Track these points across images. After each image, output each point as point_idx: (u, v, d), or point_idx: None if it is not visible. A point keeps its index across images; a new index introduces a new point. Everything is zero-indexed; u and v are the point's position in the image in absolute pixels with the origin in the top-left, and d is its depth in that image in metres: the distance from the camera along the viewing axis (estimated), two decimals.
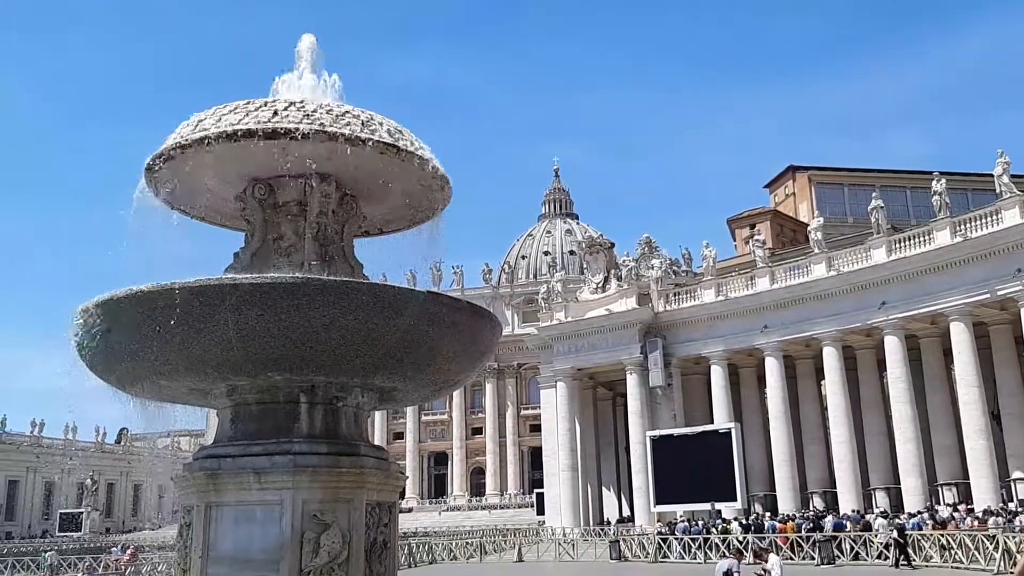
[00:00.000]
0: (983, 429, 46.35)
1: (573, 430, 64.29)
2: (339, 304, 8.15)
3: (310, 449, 8.91)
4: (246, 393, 9.17)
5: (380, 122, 9.50)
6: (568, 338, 65.12)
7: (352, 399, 9.43)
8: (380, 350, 8.56)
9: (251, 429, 9.18)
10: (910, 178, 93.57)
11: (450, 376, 10.10)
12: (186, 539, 9.00)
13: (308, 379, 8.99)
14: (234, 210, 10.23)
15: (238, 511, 8.75)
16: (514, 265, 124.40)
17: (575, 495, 63.30)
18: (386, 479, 9.55)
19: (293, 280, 8.29)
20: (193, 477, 9.04)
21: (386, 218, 11.10)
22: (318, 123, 8.96)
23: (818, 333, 53.74)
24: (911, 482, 48.88)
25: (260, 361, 8.44)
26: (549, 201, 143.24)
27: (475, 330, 9.58)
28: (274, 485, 8.64)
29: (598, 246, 69.75)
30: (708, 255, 61.78)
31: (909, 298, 49.27)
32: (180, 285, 8.05)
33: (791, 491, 54.39)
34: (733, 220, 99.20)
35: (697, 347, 59.55)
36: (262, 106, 9.17)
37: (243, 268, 9.52)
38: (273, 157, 9.17)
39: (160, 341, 8.22)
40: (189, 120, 9.39)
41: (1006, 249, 44.76)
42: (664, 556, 43.59)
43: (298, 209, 9.74)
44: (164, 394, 9.64)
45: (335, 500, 8.79)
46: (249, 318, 8.02)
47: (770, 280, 56.52)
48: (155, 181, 9.56)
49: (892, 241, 50.94)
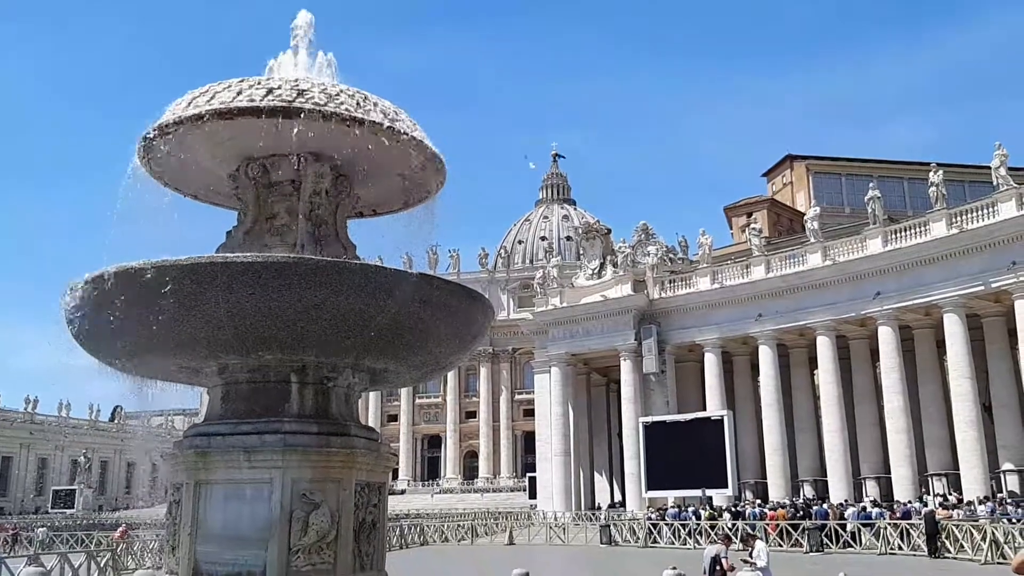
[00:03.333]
0: (974, 420, 46.55)
1: (566, 415, 64.47)
2: (331, 284, 8.15)
3: (300, 428, 8.93)
4: (237, 372, 9.18)
5: (375, 103, 9.46)
6: (563, 323, 65.18)
7: (343, 379, 9.45)
8: (371, 331, 8.56)
9: (241, 408, 9.19)
10: (908, 169, 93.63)
11: (442, 358, 10.12)
12: (175, 516, 9.02)
13: (299, 359, 8.99)
14: (227, 189, 10.20)
15: (227, 489, 8.78)
16: (511, 250, 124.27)
17: (567, 480, 63.54)
18: (376, 460, 9.58)
19: (285, 259, 8.29)
20: (183, 455, 9.06)
21: (380, 199, 11.08)
22: (312, 102, 8.92)
23: (812, 322, 53.84)
24: (902, 472, 49.14)
25: (251, 340, 8.44)
26: (547, 186, 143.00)
27: (467, 313, 9.58)
28: (264, 464, 8.66)
29: (595, 232, 69.67)
30: (704, 243, 61.77)
31: (904, 289, 49.36)
32: (171, 263, 8.04)
33: (782, 479, 54.63)
34: (730, 208, 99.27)
35: (691, 334, 59.65)
36: (256, 84, 9.12)
37: (235, 247, 9.50)
38: (267, 136, 9.14)
39: (151, 319, 8.20)
40: (183, 97, 9.35)
41: (1002, 242, 44.80)
42: (654, 541, 43.82)
43: (291, 188, 9.71)
44: (154, 372, 9.65)
45: (325, 480, 8.82)
46: (240, 297, 8.01)
47: (765, 269, 56.57)
48: (148, 158, 9.52)
49: (888, 232, 50.96)
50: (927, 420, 51.20)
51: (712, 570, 17.60)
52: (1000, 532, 30.71)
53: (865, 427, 54.46)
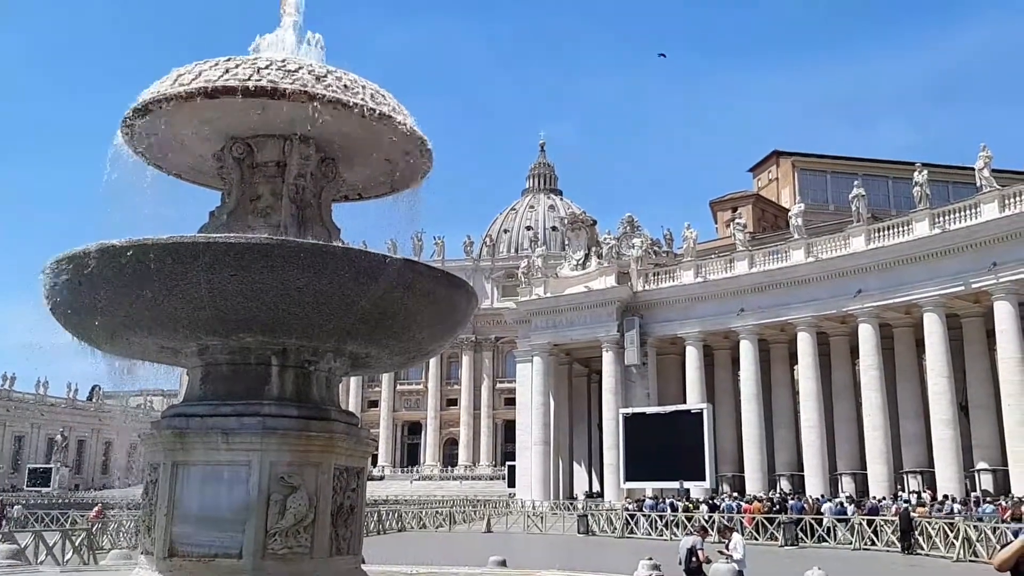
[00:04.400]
0: (951, 419, 47.02)
1: (547, 405, 64.65)
2: (313, 267, 8.10)
3: (280, 412, 8.90)
4: (217, 353, 9.13)
5: (363, 85, 9.39)
6: (546, 313, 65.29)
7: (324, 363, 9.41)
8: (353, 315, 8.53)
9: (221, 390, 9.14)
10: (893, 168, 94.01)
11: (424, 344, 10.10)
12: (152, 497, 8.97)
13: (280, 342, 8.95)
14: (211, 168, 10.12)
15: (205, 471, 8.73)
16: (496, 238, 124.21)
17: (546, 469, 63.77)
18: (355, 445, 9.56)
19: (268, 241, 8.23)
20: (161, 435, 9.00)
21: (366, 183, 11.03)
22: (299, 83, 8.84)
23: (793, 318, 54.17)
24: (877, 468, 49.60)
25: (232, 322, 8.39)
26: (534, 176, 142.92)
27: (451, 300, 9.56)
28: (242, 446, 8.63)
29: (580, 223, 69.77)
30: (689, 236, 61.96)
31: (885, 287, 49.71)
32: (153, 241, 7.97)
33: (759, 473, 55.04)
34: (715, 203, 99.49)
35: (674, 327, 59.89)
36: (243, 63, 9.03)
37: (218, 227, 9.43)
38: (252, 116, 9.07)
39: (131, 297, 8.15)
40: (168, 75, 9.25)
41: (983, 243, 45.17)
42: (631, 532, 44.04)
43: (276, 170, 9.64)
44: (134, 351, 9.57)
45: (303, 463, 8.79)
46: (222, 278, 7.96)
47: (749, 264, 56.82)
48: (132, 135, 9.43)
49: (871, 230, 51.28)
50: (904, 418, 51.68)
51: (688, 561, 17.69)
52: (972, 530, 31.04)
53: (843, 423, 54.92)
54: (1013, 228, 43.97)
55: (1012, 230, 44.02)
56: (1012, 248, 44.03)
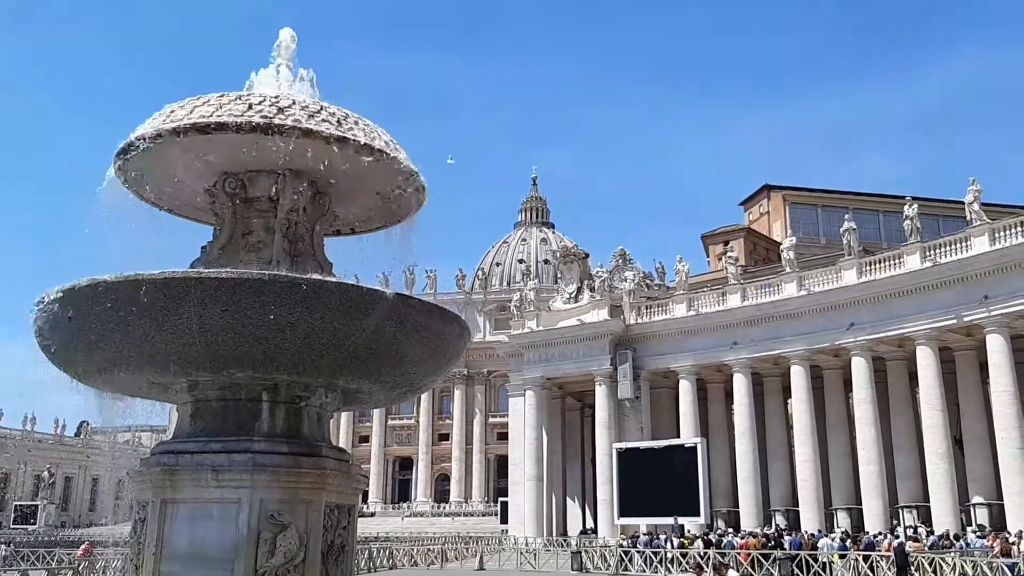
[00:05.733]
0: (945, 453, 46.89)
1: (540, 439, 64.28)
2: (305, 302, 8.06)
3: (270, 448, 8.81)
4: (207, 389, 9.05)
5: (356, 121, 9.43)
6: (539, 347, 65.16)
7: (315, 399, 9.34)
8: (345, 351, 8.48)
9: (211, 426, 9.06)
10: (883, 202, 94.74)
11: (416, 379, 10.03)
12: (140, 535, 8.84)
13: (271, 377, 8.88)
14: (203, 203, 10.11)
15: (194, 508, 8.62)
16: (488, 272, 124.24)
17: (539, 505, 63.24)
18: (347, 481, 9.45)
19: (259, 276, 8.19)
20: (150, 472, 8.89)
21: (359, 218, 11.02)
22: (292, 119, 8.87)
23: (786, 351, 54.15)
24: (873, 503, 49.33)
25: (223, 357, 8.33)
26: (525, 209, 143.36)
27: (443, 334, 9.52)
28: (232, 483, 8.52)
29: (572, 256, 69.91)
30: (681, 270, 62.10)
31: (877, 320, 49.80)
32: (144, 277, 7.94)
33: (754, 508, 54.68)
34: (707, 236, 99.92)
35: (666, 361, 59.80)
36: (236, 99, 9.07)
37: (210, 262, 9.39)
38: (245, 151, 9.07)
39: (121, 333, 8.11)
40: (162, 110, 9.28)
41: (974, 276, 45.39)
42: (625, 569, 43.61)
43: (269, 205, 9.63)
44: (124, 387, 9.49)
45: (294, 501, 8.68)
46: (213, 313, 7.92)
47: (741, 297, 56.92)
48: (124, 171, 9.43)
49: (863, 263, 51.49)
50: (898, 451, 51.52)
51: None
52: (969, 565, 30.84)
53: (837, 457, 54.69)
54: (1004, 261, 44.25)
55: (1003, 263, 44.30)
56: (1003, 281, 44.26)
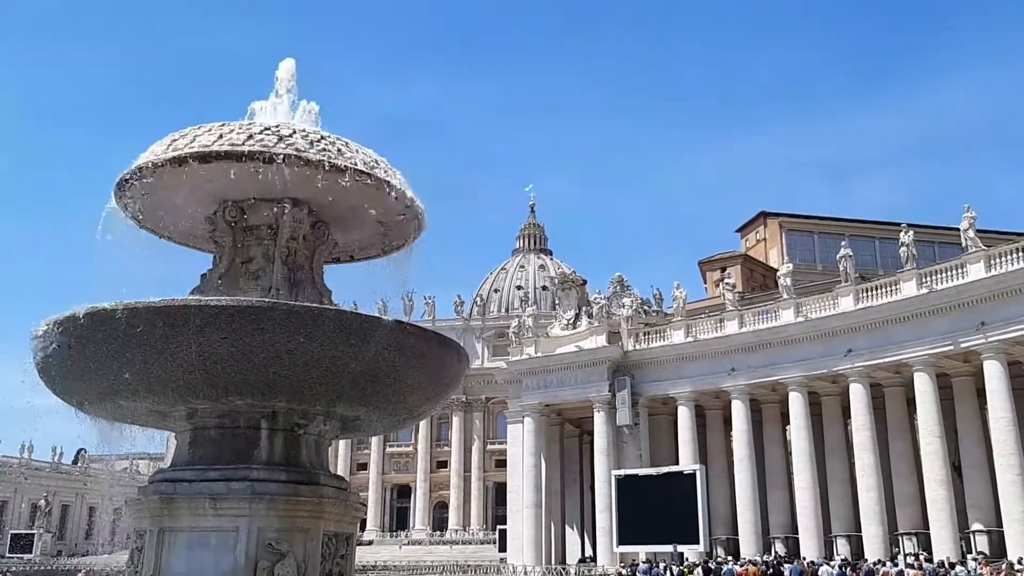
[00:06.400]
0: (944, 480, 46.67)
1: (539, 466, 63.97)
2: (304, 330, 8.10)
3: (269, 476, 8.80)
4: (206, 417, 9.06)
5: (356, 150, 9.52)
6: (537, 373, 65.03)
7: (314, 427, 9.35)
8: (345, 377, 8.50)
9: (209, 454, 9.05)
10: (879, 228, 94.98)
11: (415, 406, 10.05)
12: (137, 564, 8.81)
13: (270, 405, 8.89)
14: (203, 231, 10.17)
15: (192, 537, 8.60)
16: (486, 298, 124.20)
17: (538, 533, 62.79)
18: (345, 510, 9.44)
19: (259, 304, 8.24)
20: (147, 501, 8.88)
21: (358, 245, 11.09)
22: (293, 148, 8.96)
23: (784, 378, 54.05)
24: (872, 530, 49.01)
25: (222, 385, 8.35)
26: (524, 236, 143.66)
27: (442, 361, 9.55)
28: (230, 512, 8.51)
29: (570, 282, 69.97)
30: (678, 296, 62.12)
31: (874, 347, 49.76)
32: (143, 305, 7.98)
33: (753, 535, 54.31)
34: (704, 262, 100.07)
35: (665, 387, 59.65)
36: (237, 128, 9.16)
37: (210, 290, 9.44)
38: (246, 180, 9.15)
39: (121, 361, 8.13)
40: (163, 140, 9.36)
41: (970, 302, 45.43)
42: None
43: (269, 233, 9.70)
44: (123, 415, 9.49)
45: (292, 529, 8.67)
46: (212, 341, 7.95)
47: (739, 323, 56.91)
48: (125, 199, 9.50)
49: (859, 290, 51.54)
50: (897, 478, 51.27)
51: None
52: None
53: (836, 484, 54.41)
54: (1000, 288, 44.32)
55: (999, 290, 44.37)
56: (999, 307, 44.31)
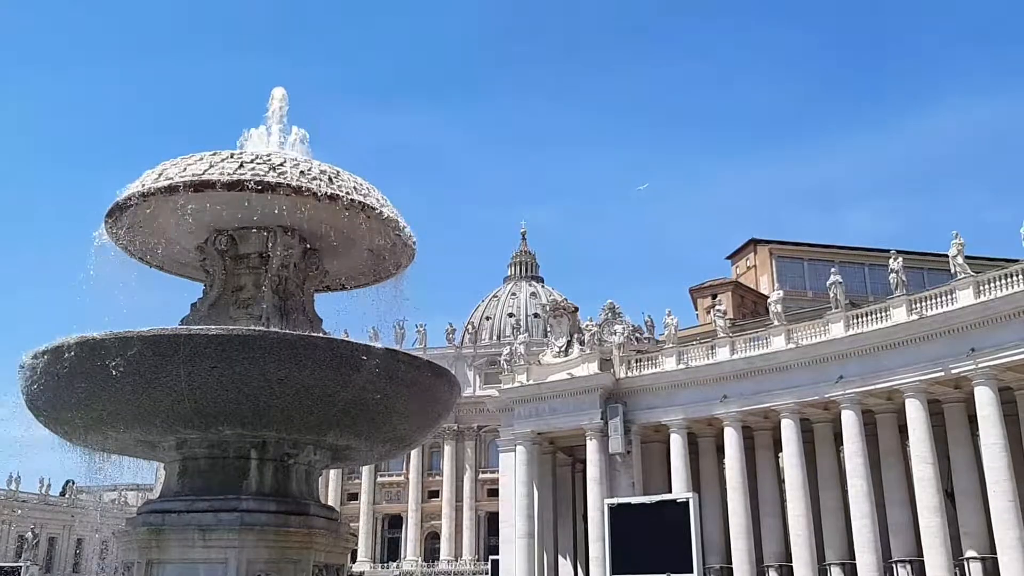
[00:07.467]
0: (937, 507, 46.53)
1: (531, 495, 63.55)
2: (295, 359, 8.07)
3: (258, 507, 8.73)
4: (195, 447, 9.00)
5: (347, 179, 9.54)
6: (529, 401, 64.78)
7: (304, 456, 9.29)
8: (335, 406, 8.47)
9: (198, 484, 8.98)
10: (868, 255, 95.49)
11: (406, 435, 10.01)
12: None
13: (259, 434, 8.84)
14: (194, 260, 10.17)
15: (181, 568, 8.52)
16: (478, 326, 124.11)
17: (531, 563, 62.23)
18: (335, 540, 9.37)
19: (248, 332, 8.22)
20: (136, 532, 8.79)
21: (349, 273, 11.10)
22: (284, 177, 8.99)
23: (776, 405, 53.98)
24: (866, 558, 48.73)
25: (211, 414, 8.30)
26: (515, 263, 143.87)
27: (433, 389, 9.53)
28: (219, 543, 8.43)
29: (562, 310, 69.95)
30: (670, 323, 62.17)
31: (865, 373, 49.79)
32: (133, 334, 7.95)
33: (747, 564, 53.94)
34: (695, 290, 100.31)
35: (657, 414, 59.48)
36: (228, 157, 9.18)
37: (200, 319, 9.41)
38: (237, 209, 9.16)
39: (110, 391, 8.09)
40: (154, 169, 9.37)
41: (960, 328, 45.58)
42: None
43: (259, 261, 9.69)
44: (112, 445, 9.43)
45: (281, 560, 8.59)
46: (202, 370, 7.91)
47: (730, 350, 56.91)
48: (115, 228, 9.50)
49: (850, 316, 51.68)
50: (891, 505, 51.10)
51: None
52: None
53: (829, 512, 54.17)
54: (989, 314, 44.50)
55: (988, 316, 44.55)
56: (989, 334, 44.46)
